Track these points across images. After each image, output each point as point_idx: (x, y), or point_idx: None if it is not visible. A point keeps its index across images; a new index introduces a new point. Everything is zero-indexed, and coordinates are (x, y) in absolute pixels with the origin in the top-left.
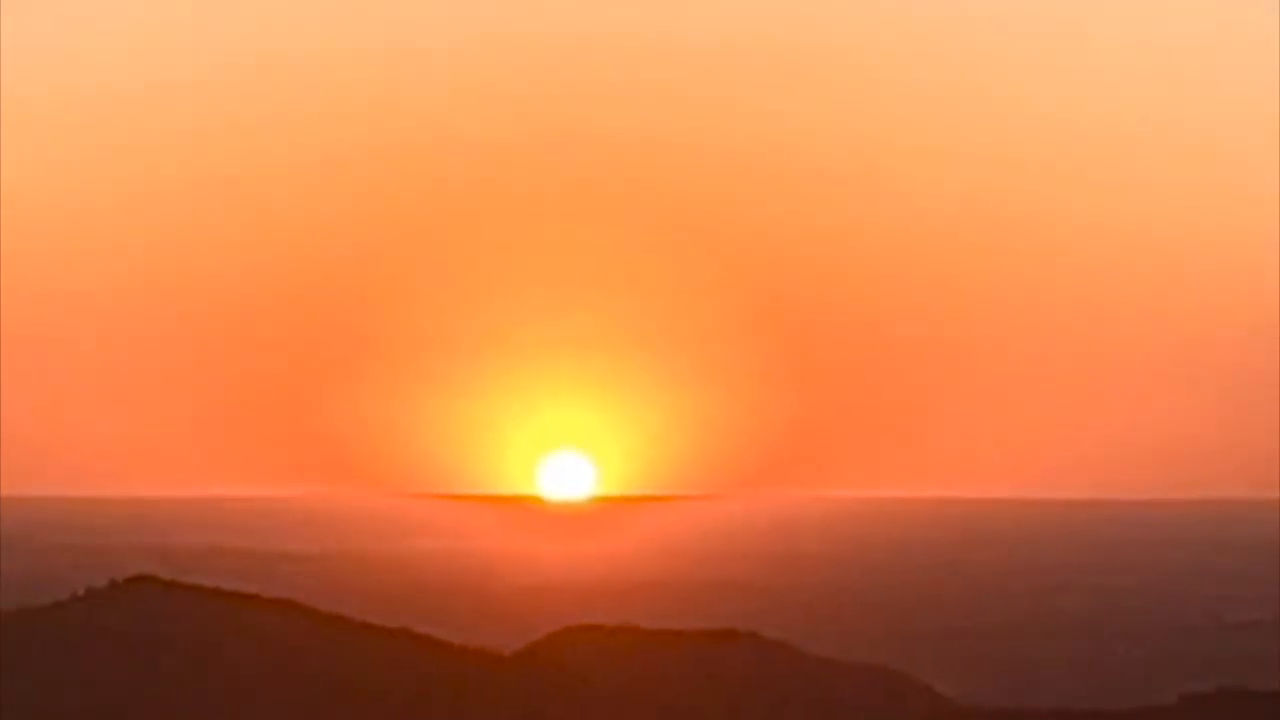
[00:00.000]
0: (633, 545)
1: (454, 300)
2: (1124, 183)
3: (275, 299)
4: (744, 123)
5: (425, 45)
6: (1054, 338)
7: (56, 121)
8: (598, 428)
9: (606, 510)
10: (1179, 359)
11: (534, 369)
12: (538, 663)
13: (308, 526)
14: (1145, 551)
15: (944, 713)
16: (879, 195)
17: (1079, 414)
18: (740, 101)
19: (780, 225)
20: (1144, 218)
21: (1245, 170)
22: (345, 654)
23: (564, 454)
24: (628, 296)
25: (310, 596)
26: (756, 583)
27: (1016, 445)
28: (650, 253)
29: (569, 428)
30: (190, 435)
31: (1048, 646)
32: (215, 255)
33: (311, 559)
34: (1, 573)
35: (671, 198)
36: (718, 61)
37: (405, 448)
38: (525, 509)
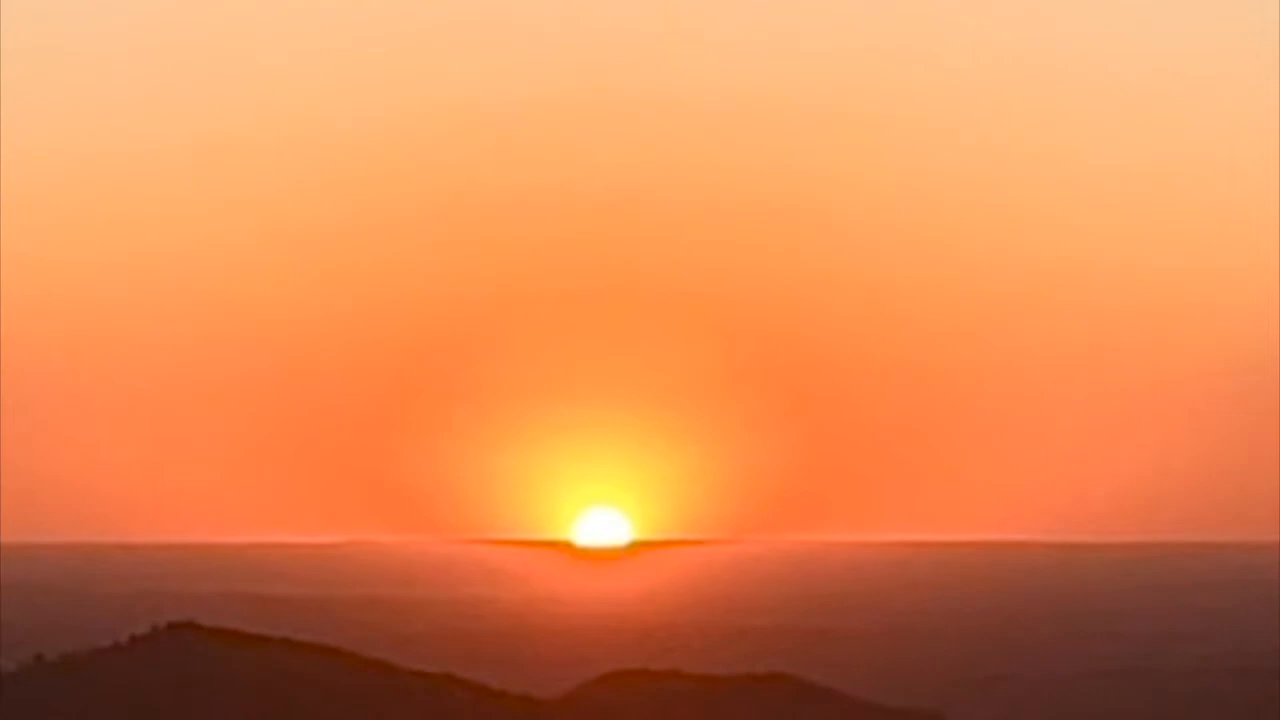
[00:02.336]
0: (669, 590)
1: (494, 352)
2: (1145, 217)
3: (320, 349)
4: (750, 175)
5: (477, 107)
6: (1077, 375)
7: (136, 164)
8: (633, 475)
9: (643, 555)
10: (1212, 394)
11: (569, 419)
12: (583, 708)
13: (349, 572)
14: (1181, 594)
15: None
16: (889, 238)
17: (1109, 452)
18: (741, 154)
19: (799, 271)
20: (1174, 246)
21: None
22: (388, 700)
23: (600, 506)
24: (656, 345)
25: (352, 642)
26: (790, 626)
27: (1048, 486)
28: (679, 303)
29: (605, 478)
30: (235, 482)
31: (1082, 691)
32: (267, 306)
33: (353, 605)
34: (46, 619)
35: (700, 248)
36: (724, 118)
37: (445, 494)
38: (563, 555)
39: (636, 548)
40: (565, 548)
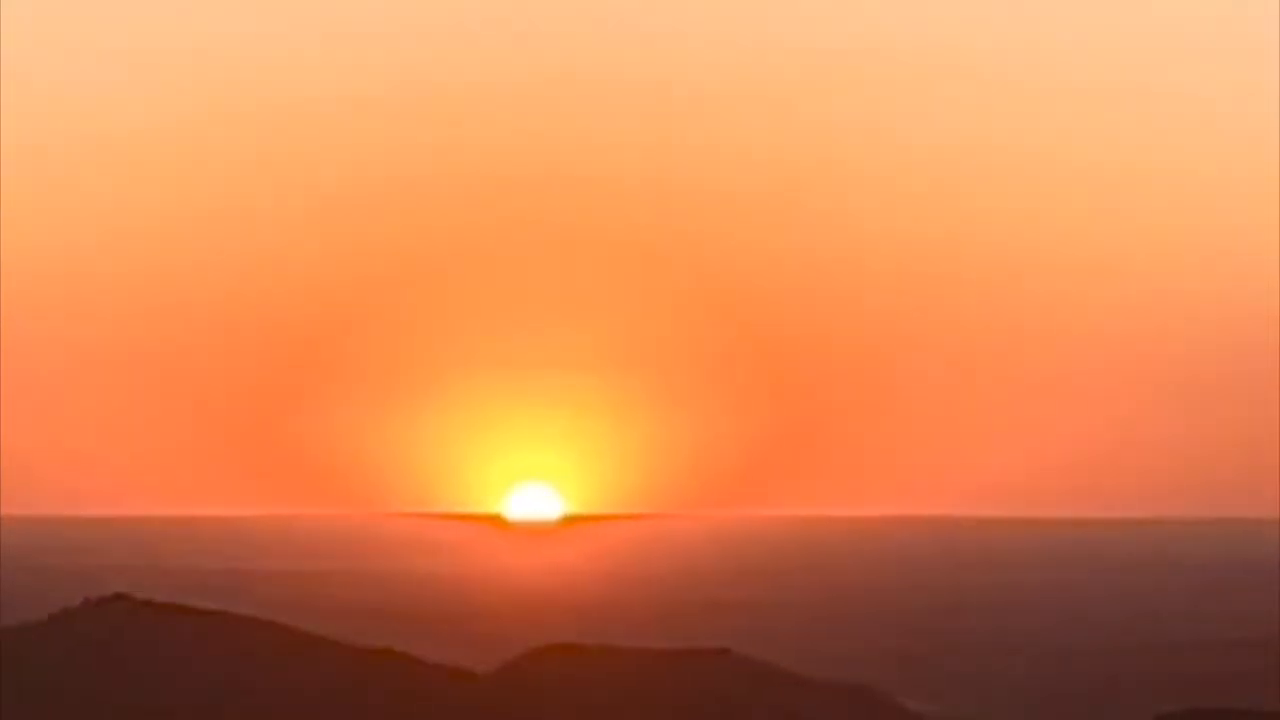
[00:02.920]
0: (603, 564)
1: (425, 323)
2: (1084, 198)
3: (251, 320)
4: (703, 153)
5: (410, 82)
6: (1019, 354)
7: (49, 146)
8: (565, 449)
9: (576, 529)
10: (1151, 371)
11: (500, 391)
12: (516, 681)
13: (284, 545)
14: (1112, 571)
15: None
16: (839, 218)
17: (1043, 430)
18: (699, 132)
19: (740, 249)
20: (1110, 230)
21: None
22: (322, 672)
23: (533, 478)
24: (591, 318)
25: (287, 615)
26: (725, 600)
27: (982, 462)
28: (615, 276)
29: (537, 451)
30: (167, 455)
31: (1017, 665)
32: (192, 280)
33: (288, 577)
34: None
35: (632, 223)
36: (681, 98)
37: (378, 467)
38: (498, 528)
39: (569, 522)
40: (497, 521)
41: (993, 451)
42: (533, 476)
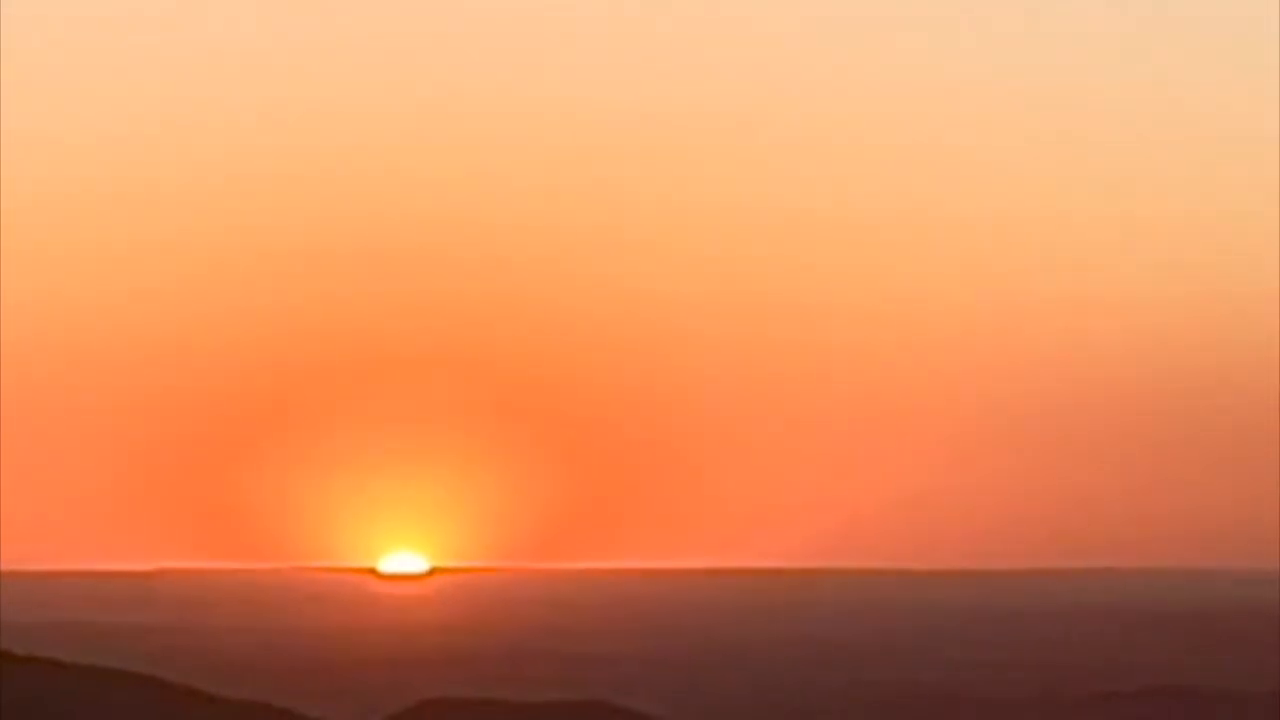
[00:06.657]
0: (475, 617)
1: (294, 382)
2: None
3: (131, 377)
4: (505, 212)
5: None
6: (846, 404)
7: None
8: (430, 503)
9: (445, 582)
10: (975, 418)
11: (356, 445)
12: None
13: (161, 600)
14: (996, 622)
15: None
16: (641, 267)
17: (891, 477)
18: (506, 194)
19: (552, 307)
20: (937, 271)
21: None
22: None
23: (401, 538)
24: (439, 374)
25: (166, 670)
26: (602, 653)
27: (835, 511)
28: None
29: (403, 503)
30: (43, 509)
31: (894, 716)
32: (75, 333)
33: (166, 632)
34: None
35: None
36: (477, 169)
37: (253, 521)
38: (368, 581)
39: (436, 573)
40: (369, 574)
41: (843, 499)
42: (402, 530)
